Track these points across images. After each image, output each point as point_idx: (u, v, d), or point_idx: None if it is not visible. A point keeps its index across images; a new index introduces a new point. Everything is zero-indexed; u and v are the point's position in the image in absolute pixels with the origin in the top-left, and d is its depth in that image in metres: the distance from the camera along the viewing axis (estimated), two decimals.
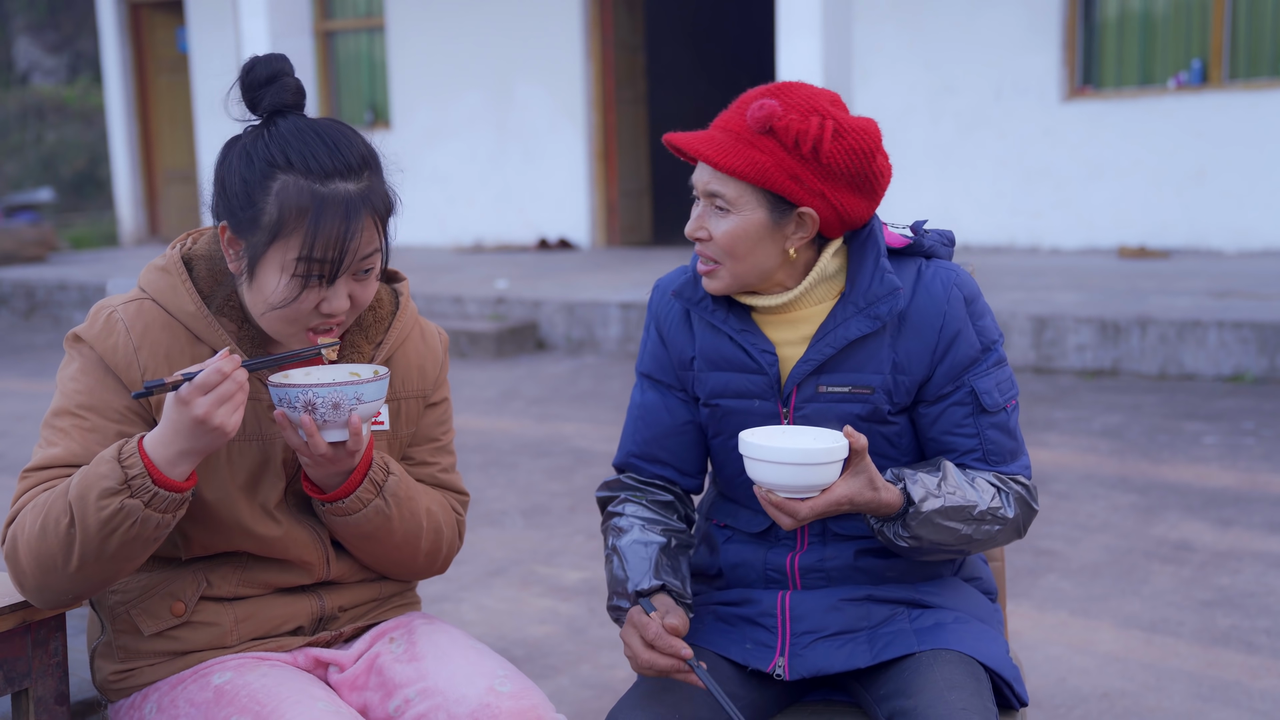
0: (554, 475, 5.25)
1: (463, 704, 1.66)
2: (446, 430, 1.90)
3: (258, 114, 1.66)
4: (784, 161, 1.71)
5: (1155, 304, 6.94)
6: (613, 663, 3.37)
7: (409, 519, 1.77)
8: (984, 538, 1.76)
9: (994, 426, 1.80)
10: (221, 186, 1.66)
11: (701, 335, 1.87)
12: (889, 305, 1.76)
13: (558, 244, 11.82)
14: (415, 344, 1.86)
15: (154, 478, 1.53)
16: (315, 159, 1.61)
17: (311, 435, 1.60)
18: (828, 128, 1.70)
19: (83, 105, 18.92)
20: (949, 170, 10.08)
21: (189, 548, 1.73)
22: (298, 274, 1.61)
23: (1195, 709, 3.01)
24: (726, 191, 1.73)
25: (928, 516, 1.70)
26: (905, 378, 1.79)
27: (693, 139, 1.75)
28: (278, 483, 1.73)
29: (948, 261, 1.85)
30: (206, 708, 1.66)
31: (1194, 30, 9.38)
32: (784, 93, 1.74)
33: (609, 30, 11.68)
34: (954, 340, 1.78)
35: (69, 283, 10.82)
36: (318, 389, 1.58)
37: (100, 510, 1.52)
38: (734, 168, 1.71)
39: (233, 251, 1.67)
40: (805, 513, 1.66)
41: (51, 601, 1.64)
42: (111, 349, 1.66)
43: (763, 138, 1.71)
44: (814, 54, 7.95)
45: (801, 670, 1.80)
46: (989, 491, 1.76)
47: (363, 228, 1.61)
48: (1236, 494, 4.60)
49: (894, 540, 1.74)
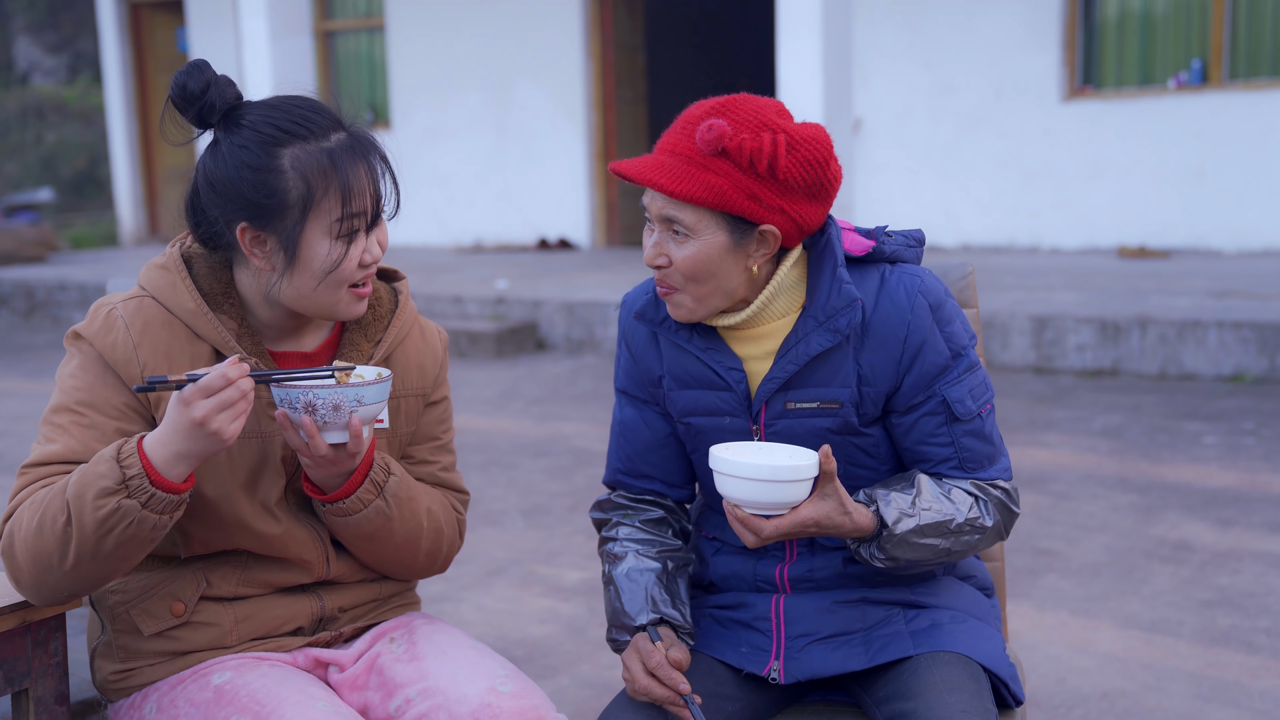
0: (554, 475, 5.25)
1: (464, 704, 1.66)
2: (446, 429, 1.91)
3: (213, 121, 1.66)
4: (740, 182, 1.66)
5: (1155, 304, 6.94)
6: (613, 663, 3.37)
7: (410, 519, 1.77)
8: (963, 548, 1.75)
9: (969, 434, 1.77)
10: (225, 189, 1.64)
11: (669, 354, 1.84)
12: (847, 318, 1.72)
13: (558, 244, 11.82)
14: (415, 342, 1.86)
15: (152, 479, 1.53)
16: (306, 124, 1.63)
17: (312, 437, 1.60)
18: (780, 143, 1.65)
19: (83, 105, 18.92)
20: (949, 170, 10.08)
21: (189, 545, 1.73)
22: (343, 234, 1.64)
23: (1195, 709, 3.01)
24: (684, 217, 1.68)
25: (902, 538, 1.68)
26: (871, 389, 1.76)
27: (642, 166, 1.68)
28: (277, 480, 1.73)
29: (913, 266, 1.80)
30: (206, 707, 1.66)
31: (1194, 30, 9.38)
32: (730, 109, 1.68)
33: (609, 30, 11.68)
34: (919, 350, 1.74)
35: (69, 283, 10.82)
36: (318, 390, 1.57)
37: (97, 510, 1.52)
38: (690, 194, 1.65)
39: (259, 251, 1.66)
40: (769, 531, 1.63)
41: (48, 599, 1.63)
42: (111, 345, 1.66)
43: (716, 159, 1.65)
44: (814, 54, 7.95)
45: (797, 674, 1.79)
46: (966, 502, 1.74)
47: (376, 164, 1.67)
48: (1236, 494, 4.60)
49: (870, 561, 1.72)
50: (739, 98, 1.70)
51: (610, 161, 12.16)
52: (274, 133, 1.62)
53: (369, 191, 1.65)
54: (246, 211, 1.63)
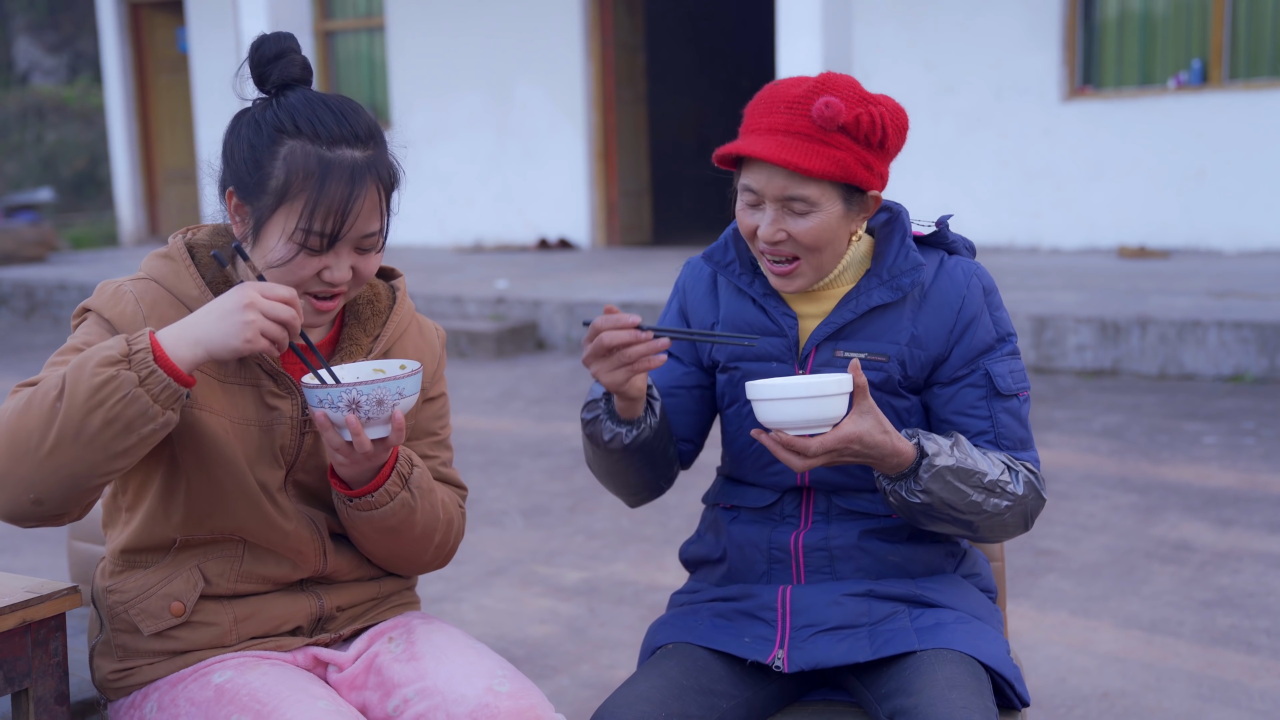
0: (554, 475, 5.25)
1: (461, 704, 1.66)
2: (444, 424, 1.91)
3: (266, 89, 1.69)
4: (859, 154, 1.76)
5: (1155, 304, 6.94)
6: (613, 663, 3.37)
7: (429, 510, 1.78)
8: (993, 511, 1.76)
9: (1006, 411, 1.83)
10: (230, 154, 1.68)
11: (726, 301, 1.93)
12: (912, 278, 1.83)
13: (558, 244, 11.82)
14: (413, 338, 1.87)
15: (156, 355, 1.51)
16: (323, 125, 1.63)
17: (357, 434, 1.60)
18: (885, 116, 1.76)
19: (83, 105, 18.93)
20: (949, 170, 10.08)
21: (186, 524, 1.72)
22: (295, 240, 1.62)
23: (1195, 709, 3.01)
24: (808, 193, 1.76)
25: (940, 471, 1.72)
26: (921, 352, 1.84)
27: (769, 148, 1.75)
28: (276, 471, 1.73)
29: (968, 258, 1.92)
30: (207, 706, 1.66)
31: (1194, 30, 9.38)
32: (831, 86, 1.77)
33: (609, 30, 11.68)
34: (971, 323, 1.84)
35: (69, 283, 10.82)
36: (361, 387, 1.58)
37: (93, 377, 1.49)
38: (821, 169, 1.75)
39: (239, 217, 1.69)
40: (815, 448, 1.68)
41: (8, 502, 1.55)
42: (120, 315, 1.66)
43: (836, 134, 1.75)
44: (814, 54, 7.95)
45: (801, 663, 1.80)
46: (999, 465, 1.78)
47: (366, 194, 1.63)
48: (1236, 494, 4.60)
49: (906, 499, 1.74)
50: (828, 76, 1.80)
51: (609, 161, 12.01)
52: (288, 122, 1.64)
53: (339, 213, 1.62)
54: (235, 178, 1.67)
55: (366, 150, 1.65)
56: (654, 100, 12.66)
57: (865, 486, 1.87)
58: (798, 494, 1.89)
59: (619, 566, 4.11)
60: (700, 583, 1.98)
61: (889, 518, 1.88)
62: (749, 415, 1.88)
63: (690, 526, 4.30)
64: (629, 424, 1.80)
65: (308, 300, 1.68)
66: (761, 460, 1.89)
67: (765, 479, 1.90)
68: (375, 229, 1.67)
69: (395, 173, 1.71)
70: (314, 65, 11.77)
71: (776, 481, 1.89)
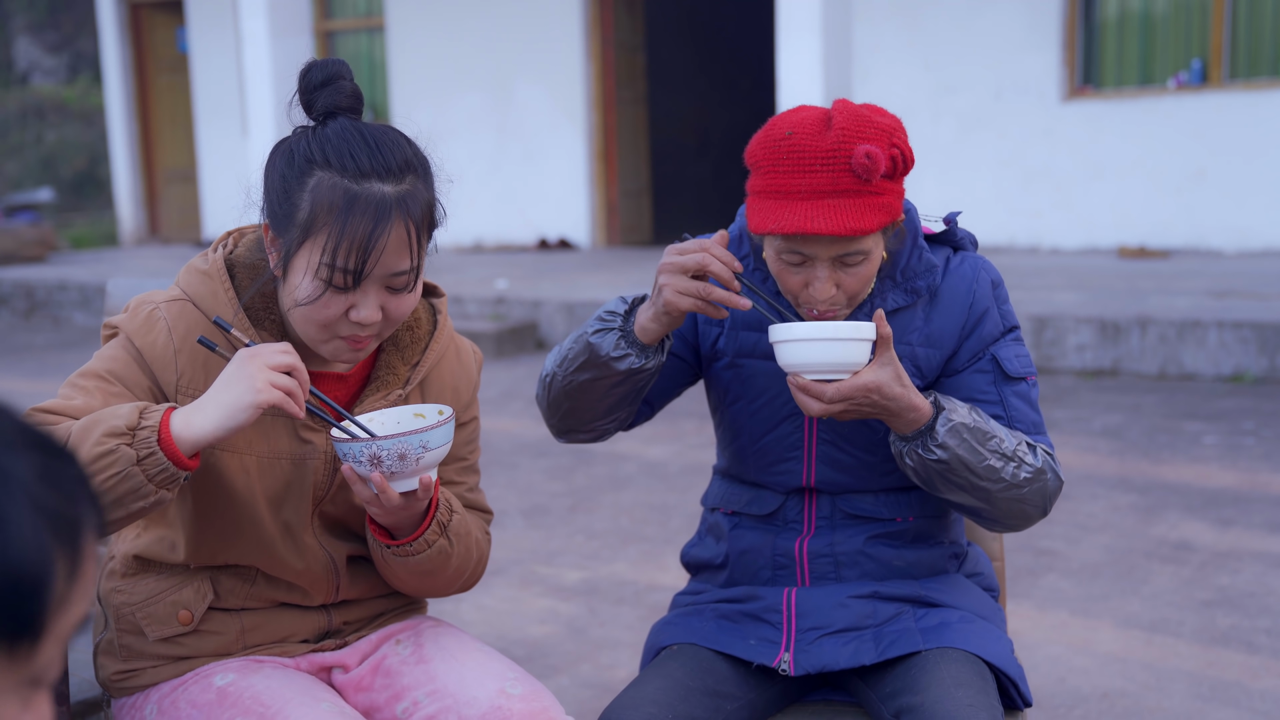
0: (554, 475, 5.25)
1: (474, 706, 1.66)
2: (474, 449, 1.87)
3: (313, 116, 1.63)
4: (898, 191, 1.74)
5: (1155, 304, 6.94)
6: (613, 662, 3.37)
7: (464, 554, 1.75)
8: (1011, 481, 1.74)
9: (1016, 395, 1.83)
10: (267, 185, 1.64)
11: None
12: (927, 280, 1.83)
13: (558, 244, 11.82)
14: (450, 364, 1.83)
15: (160, 437, 1.49)
16: (354, 158, 1.57)
17: (383, 490, 1.57)
18: (905, 142, 1.73)
19: (83, 105, 18.93)
20: (949, 170, 10.08)
21: (197, 554, 1.71)
22: (320, 276, 1.56)
23: (1195, 709, 3.01)
24: (863, 246, 1.71)
25: (957, 426, 1.70)
26: (935, 351, 1.83)
27: (828, 220, 1.67)
28: (304, 506, 1.71)
29: (973, 253, 1.93)
30: (209, 709, 1.65)
31: (1194, 30, 9.38)
32: (856, 129, 1.69)
33: (609, 30, 11.68)
34: (981, 318, 1.84)
35: (69, 283, 10.82)
36: (382, 442, 1.54)
37: (95, 445, 1.47)
38: (879, 223, 1.69)
39: (273, 250, 1.64)
40: (831, 393, 1.67)
41: None
42: (150, 345, 1.63)
43: (877, 182, 1.70)
44: (814, 54, 7.95)
45: (807, 665, 1.80)
46: (1016, 436, 1.77)
47: (392, 230, 1.56)
48: (1236, 494, 4.60)
49: (923, 456, 1.72)
50: (839, 112, 1.72)
51: (609, 161, 11.98)
52: (319, 153, 1.58)
53: (360, 249, 1.54)
54: (269, 209, 1.63)
55: (400, 185, 1.58)
56: (654, 100, 12.66)
57: (868, 488, 1.87)
58: (800, 498, 1.88)
59: (619, 566, 4.11)
60: (703, 585, 1.98)
61: (893, 521, 1.87)
62: (756, 411, 1.87)
63: (690, 526, 4.30)
64: (641, 348, 1.78)
65: (340, 342, 1.62)
66: (766, 459, 1.88)
67: (768, 478, 1.89)
68: (405, 268, 1.58)
69: (433, 209, 1.63)
70: None
71: (780, 481, 1.88)
